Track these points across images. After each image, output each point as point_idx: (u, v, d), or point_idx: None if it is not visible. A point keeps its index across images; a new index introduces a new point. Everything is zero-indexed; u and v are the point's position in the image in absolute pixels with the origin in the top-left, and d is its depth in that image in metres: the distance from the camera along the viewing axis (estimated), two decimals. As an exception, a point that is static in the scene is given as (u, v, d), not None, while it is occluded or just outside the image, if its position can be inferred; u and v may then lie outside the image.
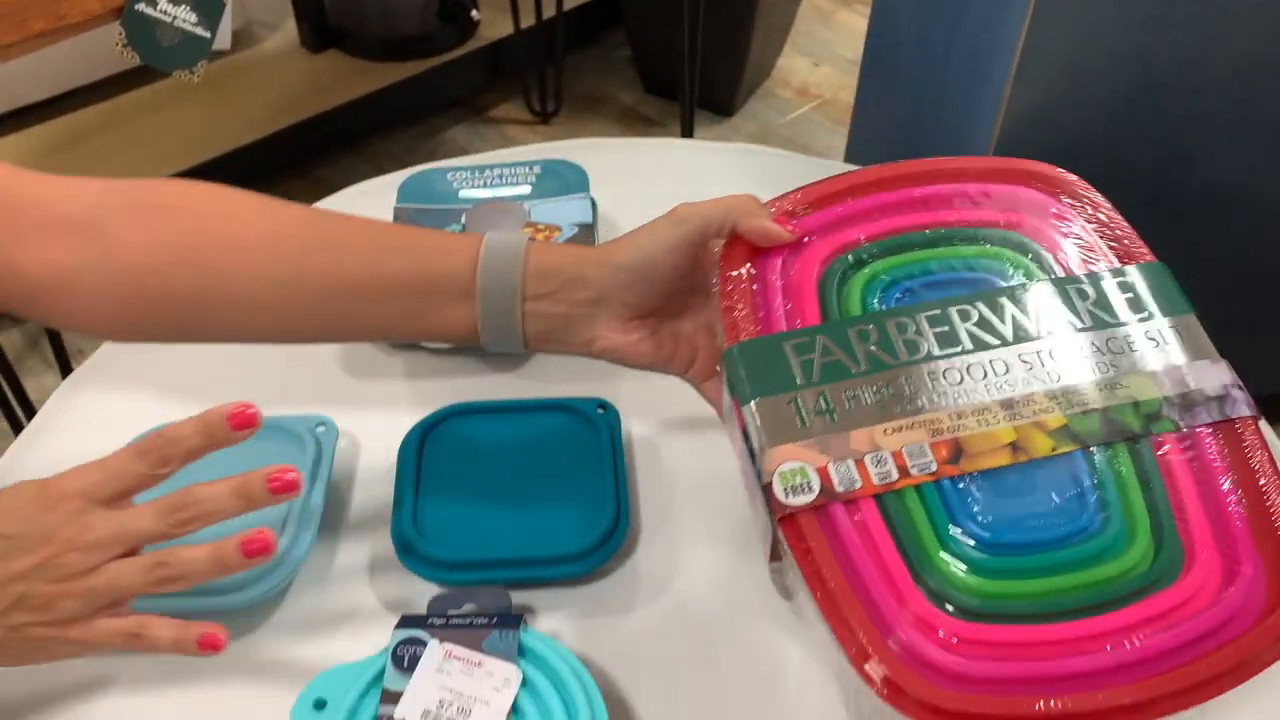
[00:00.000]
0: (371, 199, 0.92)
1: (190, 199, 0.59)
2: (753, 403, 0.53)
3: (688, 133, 1.99)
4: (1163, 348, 0.54)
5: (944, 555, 0.49)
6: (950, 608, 0.47)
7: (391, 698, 0.50)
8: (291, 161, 2.17)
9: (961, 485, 0.50)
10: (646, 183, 0.93)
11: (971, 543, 0.49)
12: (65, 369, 1.58)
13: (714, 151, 0.98)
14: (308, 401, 0.70)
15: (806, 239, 0.59)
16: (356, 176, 0.94)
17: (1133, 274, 0.56)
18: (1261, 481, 0.50)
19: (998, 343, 0.54)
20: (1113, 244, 0.58)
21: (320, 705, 0.51)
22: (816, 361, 0.54)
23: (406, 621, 0.54)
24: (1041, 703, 0.45)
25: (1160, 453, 0.51)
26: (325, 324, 0.61)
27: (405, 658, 0.52)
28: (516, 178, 0.79)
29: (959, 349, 0.54)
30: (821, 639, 0.53)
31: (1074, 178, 0.61)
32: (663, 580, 0.62)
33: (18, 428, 1.55)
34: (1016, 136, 0.98)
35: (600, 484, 0.64)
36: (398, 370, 0.76)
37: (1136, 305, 0.55)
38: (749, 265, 0.58)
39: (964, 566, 0.48)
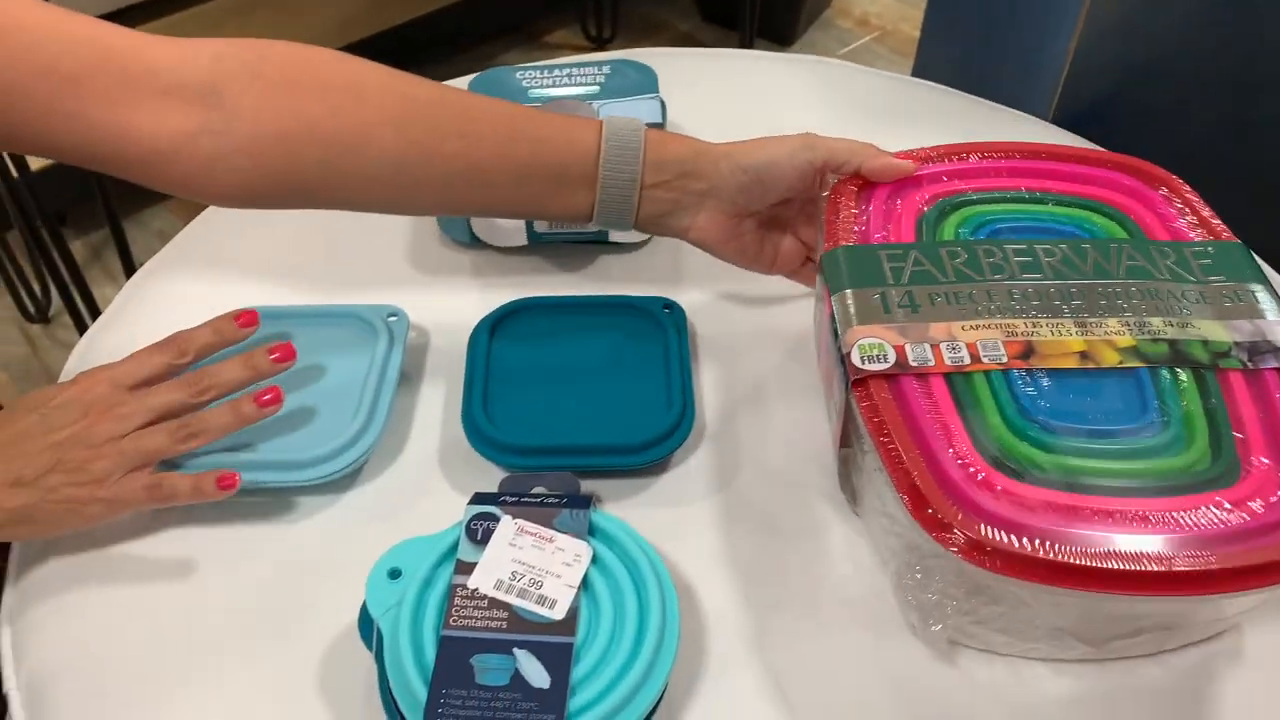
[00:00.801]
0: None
1: (313, 69, 0.58)
2: (844, 290, 0.56)
3: (745, 61, 1.97)
4: (1237, 305, 0.55)
5: (1006, 429, 0.50)
6: (1009, 473, 0.49)
7: (465, 568, 0.51)
8: (346, 83, 2.16)
9: (1029, 378, 0.52)
10: (714, 91, 0.92)
11: (1033, 423, 0.51)
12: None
13: (783, 62, 0.97)
14: (378, 295, 0.71)
15: (916, 182, 0.63)
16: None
17: (1215, 247, 0.59)
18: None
19: (1078, 277, 0.57)
20: (1200, 227, 0.60)
21: (395, 574, 0.52)
22: (907, 269, 0.58)
23: (479, 498, 0.55)
24: (1088, 559, 0.45)
25: (1224, 381, 0.52)
26: (448, 202, 0.63)
27: (479, 531, 0.53)
28: (585, 77, 0.79)
29: (1040, 276, 0.57)
30: (880, 523, 0.54)
31: (1170, 175, 0.64)
32: (725, 476, 0.63)
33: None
34: (1092, 58, 0.95)
35: (666, 379, 0.64)
36: (465, 267, 0.76)
37: (1215, 270, 0.57)
38: (858, 191, 0.63)
39: (1025, 442, 0.50)
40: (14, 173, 1.37)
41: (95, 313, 1.57)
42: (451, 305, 0.72)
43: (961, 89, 0.93)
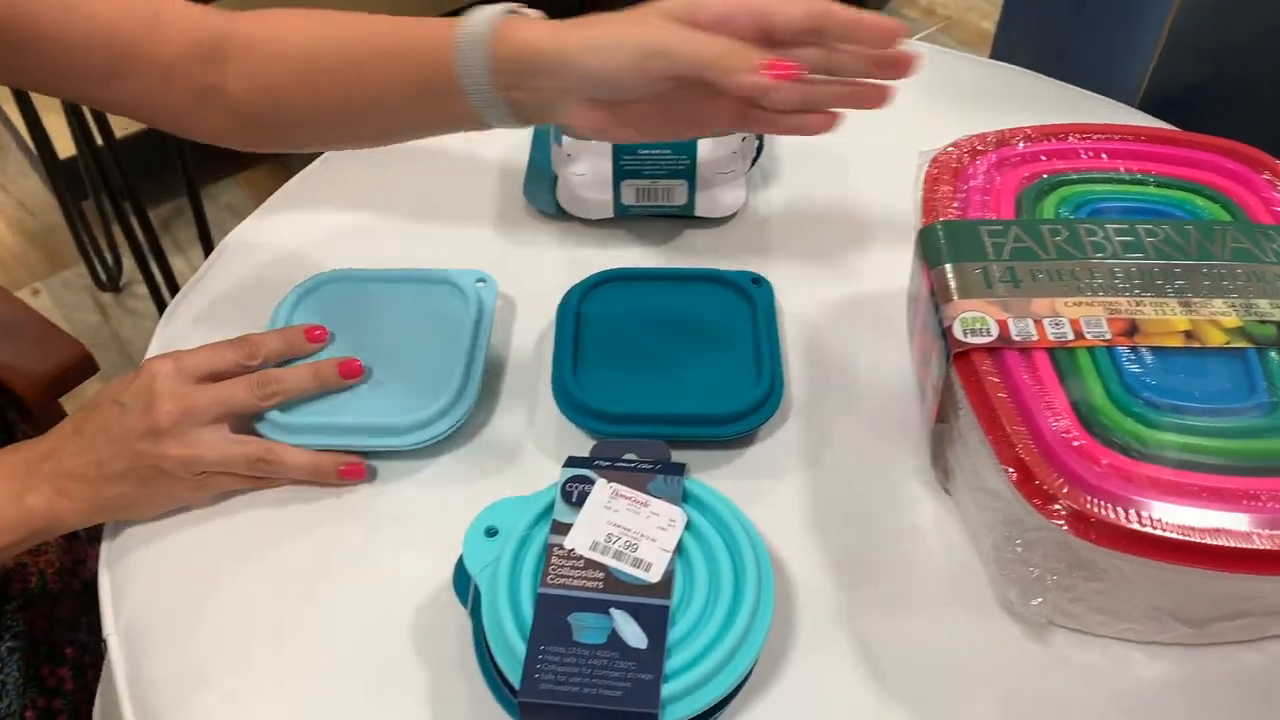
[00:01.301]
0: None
1: (281, 41, 0.62)
2: (946, 265, 0.56)
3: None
4: None
5: (1111, 405, 0.50)
6: (1115, 448, 0.48)
7: (561, 529, 0.52)
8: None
9: (1133, 355, 0.52)
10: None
11: (1138, 400, 0.50)
12: (208, 248, 1.63)
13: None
14: (465, 264, 0.71)
15: (1017, 158, 0.63)
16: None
17: None
18: None
19: (1181, 257, 0.56)
20: None
21: (491, 533, 0.53)
22: (1008, 245, 0.57)
23: (573, 461, 0.55)
24: (1197, 535, 0.45)
25: None
26: (370, 132, 0.64)
27: (574, 493, 0.53)
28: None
29: (1142, 256, 0.56)
30: (976, 499, 0.54)
31: (1275, 159, 0.63)
32: (814, 451, 0.62)
33: (162, 306, 1.61)
34: (1185, 42, 0.94)
35: (755, 352, 0.64)
36: (551, 237, 0.76)
37: None
38: (955, 168, 0.62)
39: (1130, 418, 0.49)
40: (99, 140, 1.40)
41: (170, 281, 1.60)
42: (538, 275, 0.72)
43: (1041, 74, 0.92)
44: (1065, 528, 0.46)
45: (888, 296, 0.70)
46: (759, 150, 0.77)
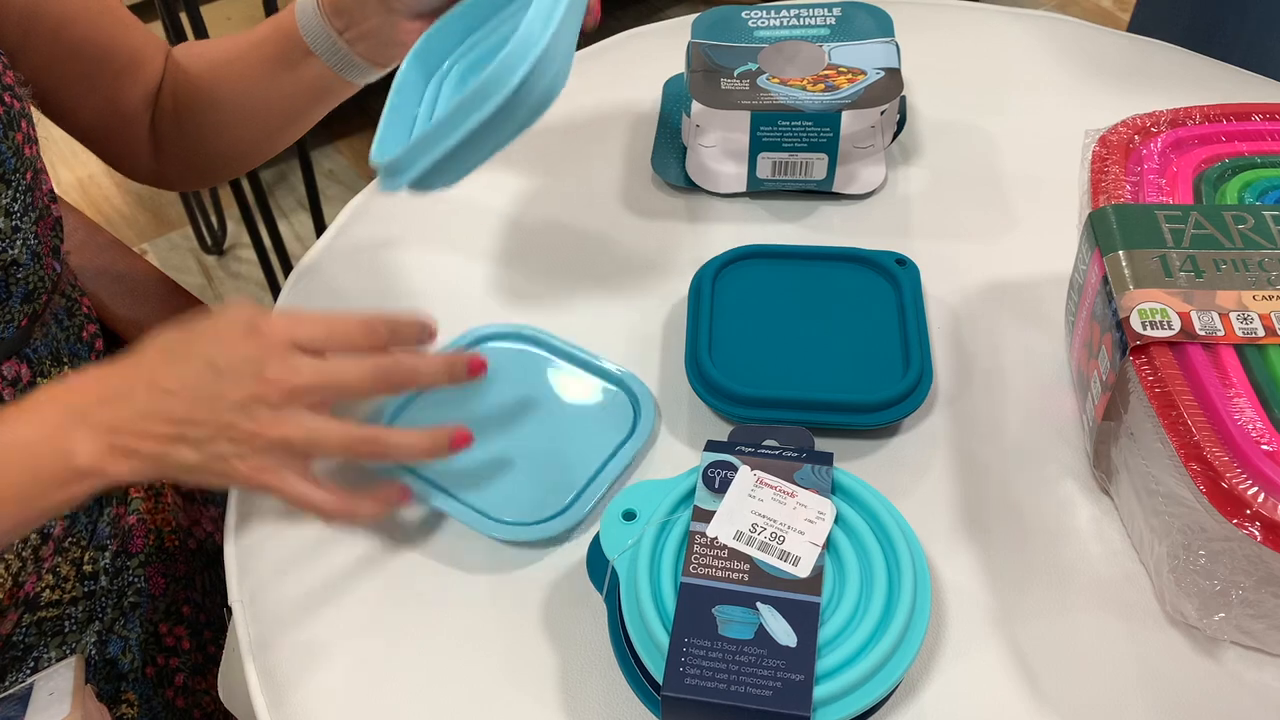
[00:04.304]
0: (662, 39, 0.90)
1: (188, 55, 0.72)
2: (1120, 252, 0.52)
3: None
4: None
5: None
6: None
7: (702, 516, 0.49)
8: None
9: None
10: (940, 41, 0.88)
11: None
12: (316, 213, 1.63)
13: (1010, 16, 0.91)
14: (591, 237, 0.69)
15: (1194, 139, 0.59)
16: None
17: None
18: None
19: None
20: None
21: (629, 516, 0.50)
22: (1188, 232, 0.53)
23: (714, 446, 0.53)
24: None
25: None
26: (257, 129, 0.72)
27: (716, 479, 0.51)
28: (814, 19, 0.75)
29: None
30: (1149, 503, 0.50)
31: None
32: (961, 444, 0.59)
33: (267, 269, 1.62)
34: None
35: (902, 338, 0.61)
36: (679, 212, 0.74)
37: None
38: (1127, 148, 0.58)
39: None
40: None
41: (278, 245, 1.61)
42: (666, 249, 0.70)
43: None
44: (1259, 539, 0.42)
45: (1037, 281, 0.66)
46: (900, 125, 0.74)
